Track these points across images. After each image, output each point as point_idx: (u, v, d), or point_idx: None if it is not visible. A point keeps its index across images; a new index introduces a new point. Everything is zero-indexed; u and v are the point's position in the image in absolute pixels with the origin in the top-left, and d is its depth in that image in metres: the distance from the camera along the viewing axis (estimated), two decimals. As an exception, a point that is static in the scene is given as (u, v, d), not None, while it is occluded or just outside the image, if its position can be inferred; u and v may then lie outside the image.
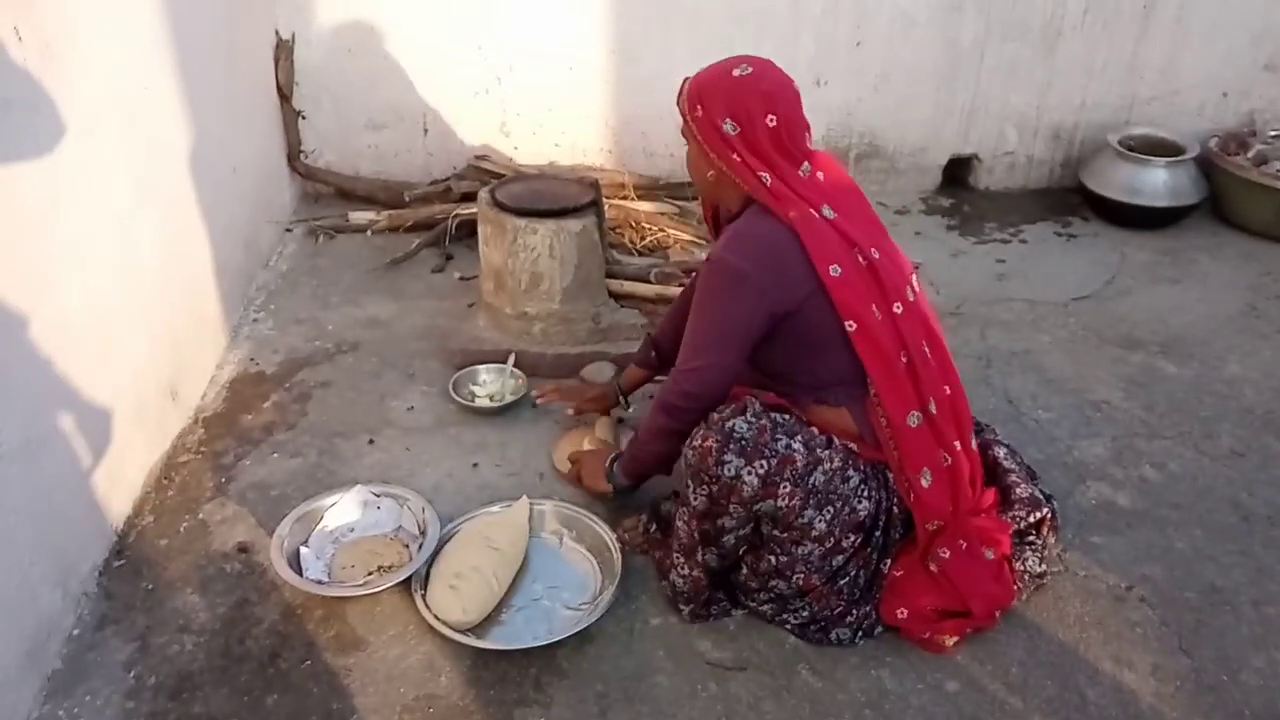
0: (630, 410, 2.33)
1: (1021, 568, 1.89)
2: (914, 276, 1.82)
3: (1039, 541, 1.94)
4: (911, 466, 1.75)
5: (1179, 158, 3.45)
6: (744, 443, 1.66)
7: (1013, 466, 2.04)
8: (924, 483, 1.75)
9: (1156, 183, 3.43)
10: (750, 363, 1.79)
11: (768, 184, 1.69)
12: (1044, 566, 1.92)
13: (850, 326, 1.70)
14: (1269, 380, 2.63)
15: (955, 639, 1.78)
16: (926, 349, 1.75)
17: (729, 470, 1.65)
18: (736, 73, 1.71)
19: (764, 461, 1.65)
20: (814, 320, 1.71)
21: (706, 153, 1.73)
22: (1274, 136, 3.58)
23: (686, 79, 1.79)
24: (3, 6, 1.59)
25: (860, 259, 1.71)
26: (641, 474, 1.97)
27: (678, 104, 1.78)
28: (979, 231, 3.50)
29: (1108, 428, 2.41)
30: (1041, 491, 2.02)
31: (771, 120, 1.68)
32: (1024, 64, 3.56)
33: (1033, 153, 3.77)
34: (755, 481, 1.65)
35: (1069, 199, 3.73)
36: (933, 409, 1.74)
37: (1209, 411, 2.49)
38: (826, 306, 1.69)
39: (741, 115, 1.68)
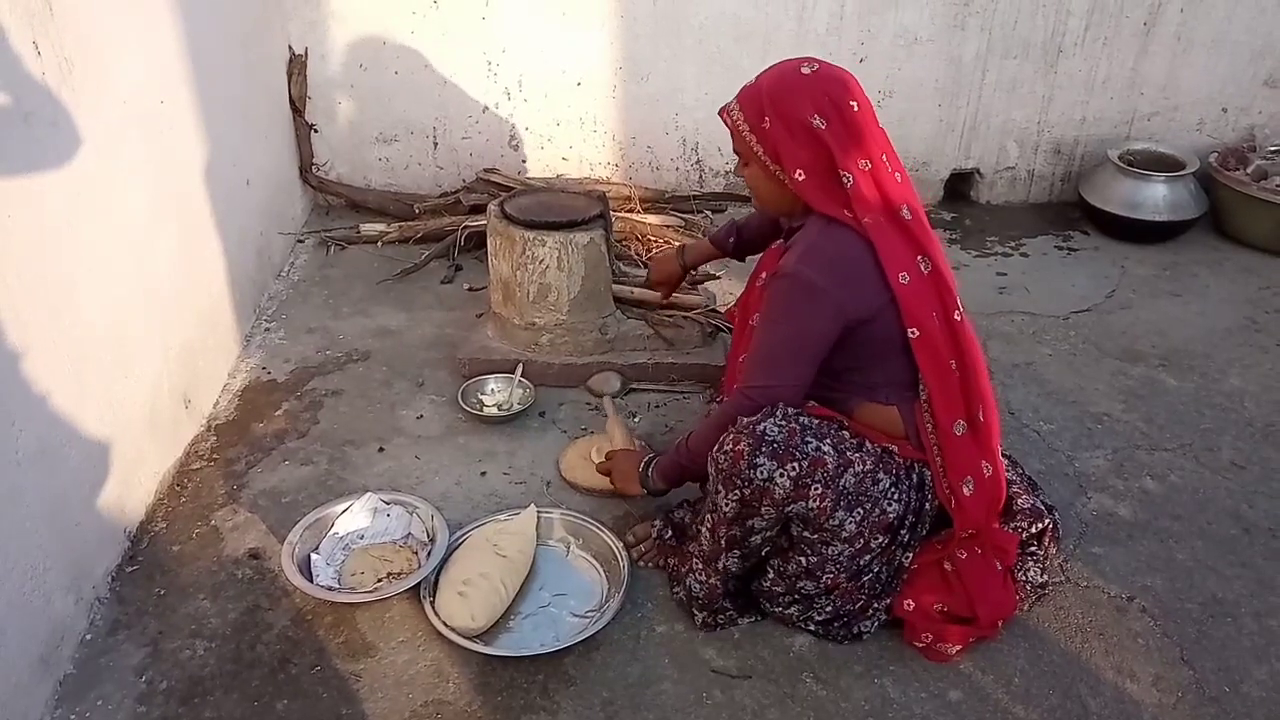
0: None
1: (1023, 578, 1.91)
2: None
3: (1040, 552, 1.95)
4: (955, 473, 1.76)
5: (1179, 173, 3.48)
6: (775, 445, 1.65)
7: (1014, 478, 2.04)
8: (966, 491, 1.76)
9: (1156, 197, 3.46)
10: None
11: (849, 185, 1.66)
12: (1045, 577, 1.93)
13: (913, 334, 1.70)
14: (1269, 393, 2.65)
15: (958, 647, 1.79)
16: (971, 361, 1.76)
17: (761, 473, 1.65)
18: (805, 70, 1.67)
19: (795, 464, 1.65)
20: (881, 328, 1.71)
21: (782, 159, 1.68)
22: (1273, 152, 3.61)
23: (726, 105, 1.74)
24: (21, 22, 1.63)
25: (923, 267, 1.71)
26: (681, 481, 1.96)
27: (736, 125, 1.72)
28: (980, 245, 3.53)
29: (1109, 439, 2.43)
30: (1043, 502, 2.03)
31: (854, 105, 1.66)
32: (1025, 80, 3.60)
33: (1033, 167, 3.80)
34: (788, 483, 1.65)
35: (1069, 213, 3.76)
36: (980, 418, 1.76)
37: (1209, 424, 2.51)
38: (894, 315, 1.69)
39: (828, 107, 1.64)
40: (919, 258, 1.71)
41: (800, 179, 1.68)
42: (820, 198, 1.68)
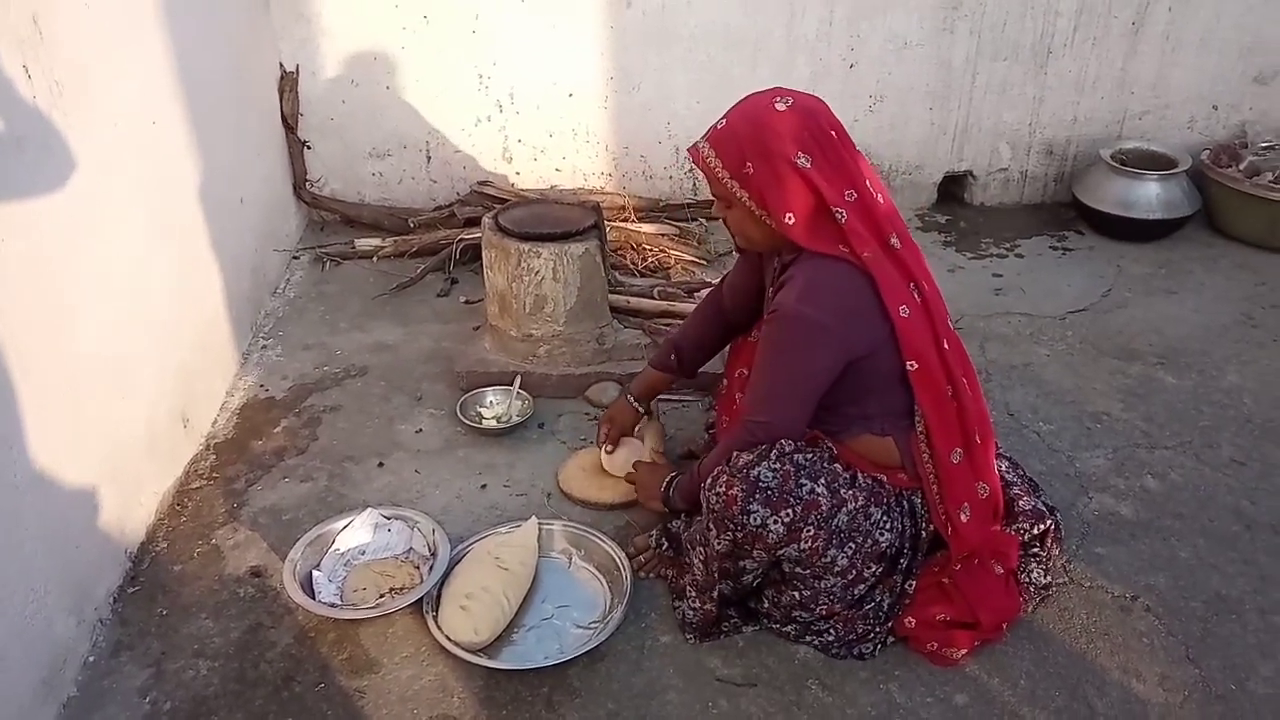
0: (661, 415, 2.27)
1: (1026, 580, 1.90)
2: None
3: (1043, 553, 1.95)
4: (952, 501, 1.75)
5: (1171, 171, 3.49)
6: (769, 492, 1.64)
7: (1015, 479, 2.04)
8: (963, 518, 1.76)
9: (1149, 196, 3.46)
10: None
11: (843, 221, 1.62)
12: (1049, 578, 1.93)
13: (912, 366, 1.69)
14: (1267, 389, 2.65)
15: (964, 652, 1.79)
16: (965, 382, 1.76)
17: (754, 520, 1.64)
18: (780, 105, 1.61)
19: (789, 510, 1.64)
20: (881, 362, 1.70)
21: (769, 204, 1.62)
22: (1265, 148, 3.62)
23: (697, 146, 1.67)
24: (11, 46, 1.63)
25: (916, 295, 1.69)
26: (699, 504, 1.92)
27: (713, 170, 1.66)
28: (975, 247, 3.54)
29: (1108, 439, 2.43)
30: (1044, 504, 2.03)
31: (833, 133, 1.63)
32: (1016, 82, 3.61)
33: (1026, 168, 3.81)
34: (781, 529, 1.64)
35: (1063, 213, 3.77)
36: (977, 440, 1.76)
37: (1208, 421, 2.51)
38: (893, 348, 1.68)
39: (810, 142, 1.60)
40: (910, 286, 1.69)
41: (790, 222, 1.62)
42: (813, 238, 1.64)
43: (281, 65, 3.31)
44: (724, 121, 1.67)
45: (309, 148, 3.46)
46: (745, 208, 1.68)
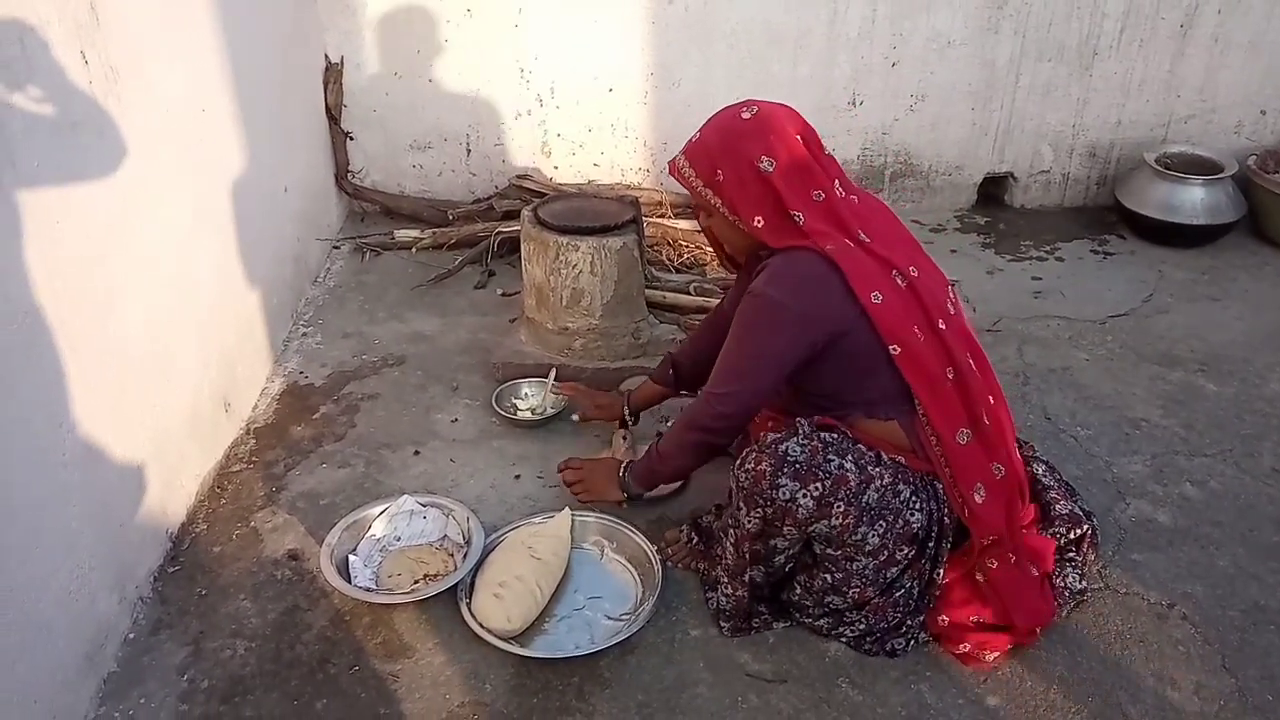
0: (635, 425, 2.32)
1: (1062, 584, 1.89)
2: (951, 289, 1.83)
3: (1079, 558, 1.94)
4: (965, 483, 1.75)
5: (1216, 176, 3.43)
6: (798, 466, 1.66)
7: (1052, 483, 2.03)
8: (978, 499, 1.75)
9: (1194, 201, 3.41)
10: (799, 384, 1.81)
11: (802, 223, 1.70)
12: (1084, 583, 1.92)
13: (894, 350, 1.70)
14: (1312, 399, 2.60)
15: (996, 655, 1.78)
16: (971, 363, 1.76)
17: (784, 494, 1.66)
18: (745, 115, 1.73)
19: (818, 484, 1.65)
20: (860, 345, 1.72)
21: (739, 209, 1.73)
22: (1315, 155, 3.56)
23: (675, 161, 1.79)
24: (69, 32, 1.66)
25: (899, 280, 1.72)
26: (654, 483, 2.01)
27: (689, 181, 1.77)
28: (1015, 249, 3.50)
29: (1147, 445, 2.40)
30: (1081, 508, 2.02)
31: (799, 138, 1.71)
32: (1060, 83, 3.57)
33: (1068, 171, 3.77)
34: (810, 504, 1.66)
35: (1105, 217, 3.72)
36: (985, 421, 1.75)
37: (1250, 429, 2.47)
38: (872, 331, 1.70)
39: (776, 146, 1.69)
40: (893, 273, 1.72)
41: (759, 225, 1.73)
42: (780, 238, 1.73)
43: (326, 56, 3.35)
44: (698, 135, 1.80)
45: (351, 138, 3.50)
46: (721, 215, 1.78)
